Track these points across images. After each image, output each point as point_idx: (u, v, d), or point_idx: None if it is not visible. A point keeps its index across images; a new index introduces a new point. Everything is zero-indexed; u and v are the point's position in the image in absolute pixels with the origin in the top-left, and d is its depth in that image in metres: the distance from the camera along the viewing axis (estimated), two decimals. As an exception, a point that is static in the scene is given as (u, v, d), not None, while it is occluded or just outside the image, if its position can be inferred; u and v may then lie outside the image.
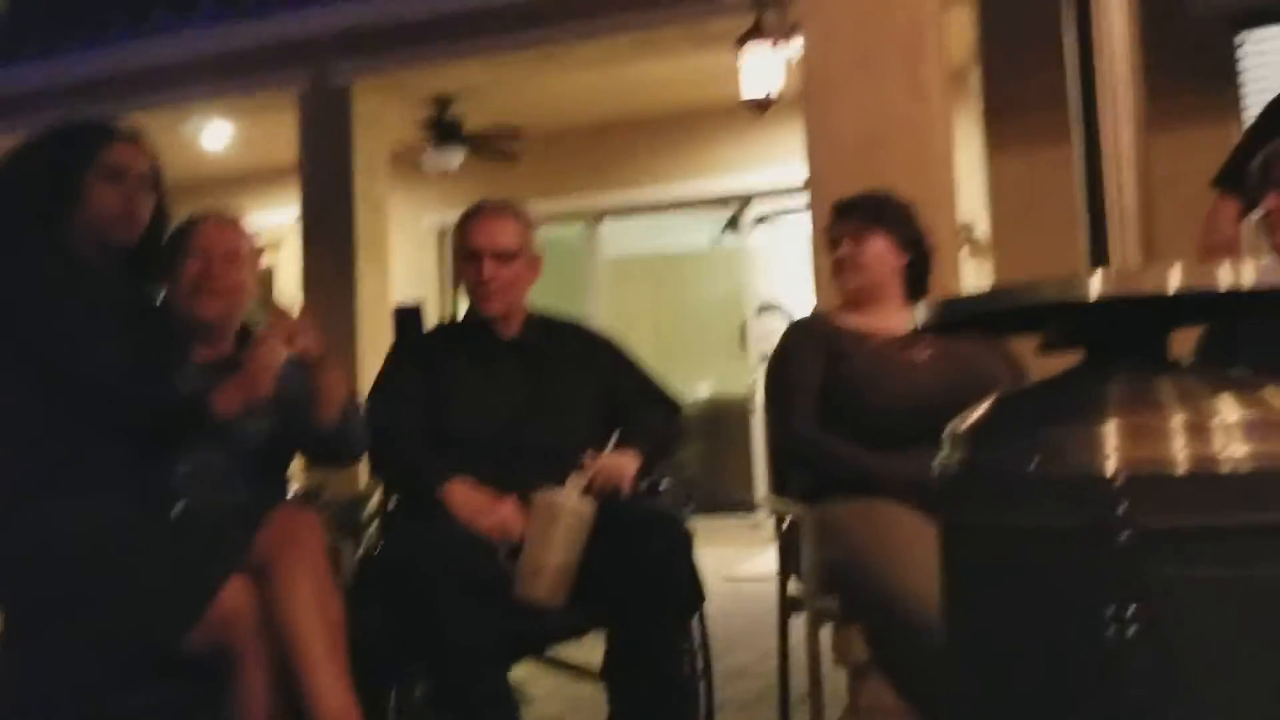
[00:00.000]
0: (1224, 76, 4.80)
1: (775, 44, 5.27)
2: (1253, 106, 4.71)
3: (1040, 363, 1.35)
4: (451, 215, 8.61)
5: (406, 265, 7.85)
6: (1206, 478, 1.05)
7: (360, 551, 2.43)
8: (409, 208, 7.85)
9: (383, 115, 6.19)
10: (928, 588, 1.43)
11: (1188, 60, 4.70)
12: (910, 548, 2.08)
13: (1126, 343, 1.17)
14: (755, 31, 5.27)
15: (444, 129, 6.76)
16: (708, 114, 7.10)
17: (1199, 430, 1.06)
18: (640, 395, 2.61)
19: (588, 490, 2.29)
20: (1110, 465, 1.06)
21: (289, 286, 7.80)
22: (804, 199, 3.42)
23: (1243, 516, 1.04)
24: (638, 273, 10.32)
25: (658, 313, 10.68)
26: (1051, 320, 1.22)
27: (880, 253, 2.55)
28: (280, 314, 2.16)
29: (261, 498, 2.21)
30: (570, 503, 2.25)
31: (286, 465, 2.37)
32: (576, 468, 2.33)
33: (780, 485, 2.58)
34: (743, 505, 7.78)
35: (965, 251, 6.42)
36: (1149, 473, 1.05)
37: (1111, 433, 1.07)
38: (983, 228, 5.58)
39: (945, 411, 2.24)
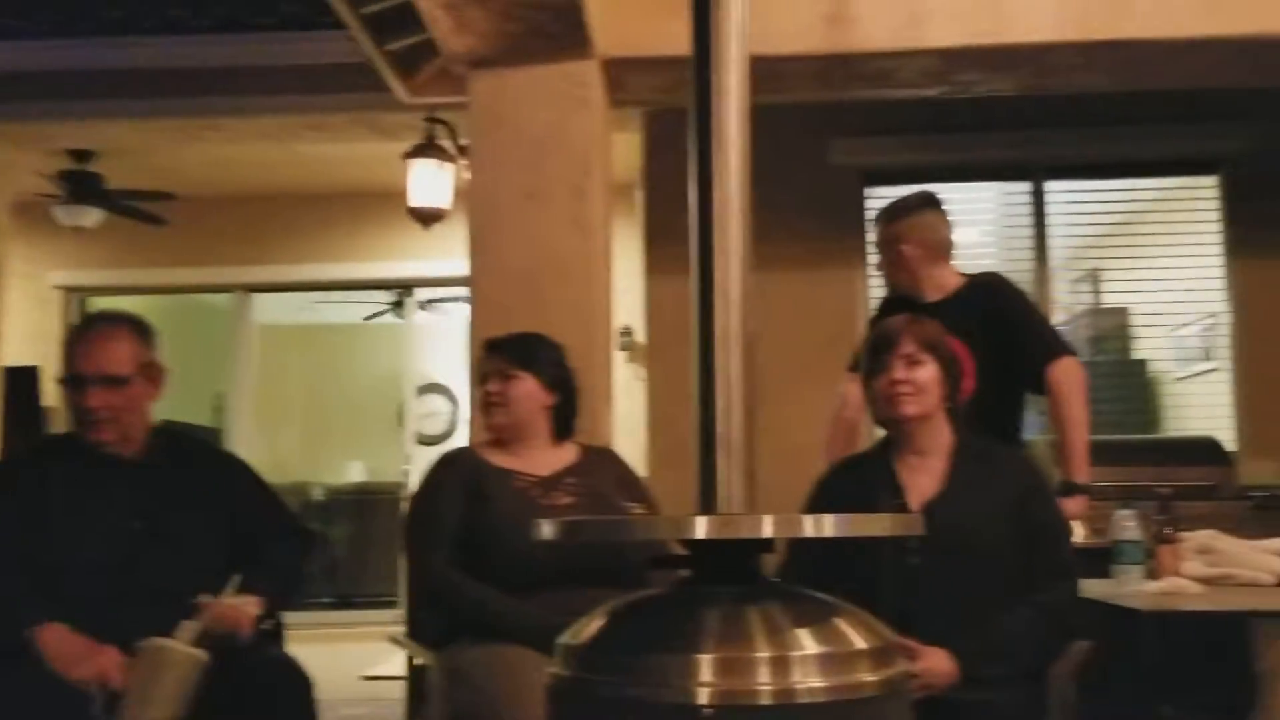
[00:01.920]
0: (855, 224, 5.35)
1: (444, 163, 5.35)
2: (873, 253, 5.27)
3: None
4: (84, 274, 7.94)
5: (26, 323, 7.14)
6: (787, 708, 1.16)
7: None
8: (33, 263, 7.19)
9: (11, 165, 5.63)
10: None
11: (825, 206, 5.23)
12: (539, 696, 2.10)
13: (726, 566, 1.27)
14: (426, 147, 5.31)
15: (80, 184, 6.24)
16: (376, 197, 7.00)
17: (781, 663, 1.17)
18: (270, 528, 2.48)
19: (202, 637, 2.14)
20: (702, 695, 1.15)
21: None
22: (467, 291, 3.48)
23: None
24: (293, 342, 9.92)
25: (313, 386, 10.30)
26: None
27: (528, 392, 2.61)
28: None
29: None
30: (179, 651, 2.09)
31: None
32: (192, 611, 2.17)
33: (415, 627, 2.54)
34: (387, 597, 7.59)
35: (624, 356, 6.71)
36: (736, 703, 1.15)
37: (705, 664, 1.16)
38: (642, 333, 5.85)
39: (583, 558, 2.33)
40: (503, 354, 2.63)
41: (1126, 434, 5.36)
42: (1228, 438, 5.08)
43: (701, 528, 1.18)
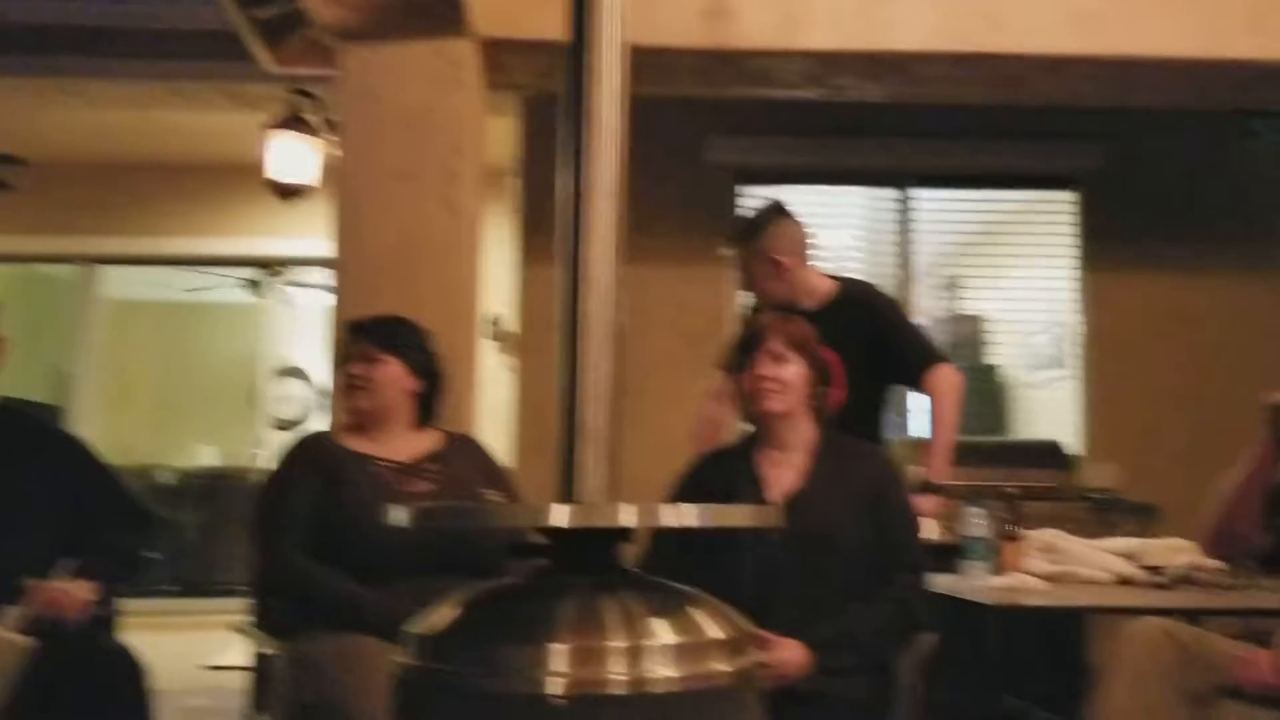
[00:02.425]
0: (727, 222, 5.38)
1: (307, 137, 5.19)
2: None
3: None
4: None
5: None
6: (640, 698, 1.14)
7: None
8: None
9: None
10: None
11: (699, 203, 5.26)
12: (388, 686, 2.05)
13: (585, 555, 1.25)
14: (292, 121, 5.14)
15: (-85, 145, 5.84)
16: (238, 171, 6.71)
17: (635, 653, 1.15)
18: (108, 510, 2.36)
19: (30, 623, 2.02)
20: (554, 685, 1.12)
21: None
22: (330, 273, 3.37)
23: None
24: (143, 319, 9.50)
25: (164, 365, 9.88)
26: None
27: (392, 377, 2.55)
28: None
29: None
30: (2, 638, 1.97)
31: None
32: (18, 595, 2.05)
33: (262, 617, 2.45)
34: (237, 585, 7.34)
35: (495, 345, 6.63)
36: (588, 693, 1.13)
37: (557, 654, 1.13)
38: (514, 322, 5.79)
39: (439, 546, 2.29)
40: (367, 337, 2.56)
41: (978, 436, 5.55)
42: (1074, 442, 5.31)
43: (560, 516, 1.15)
